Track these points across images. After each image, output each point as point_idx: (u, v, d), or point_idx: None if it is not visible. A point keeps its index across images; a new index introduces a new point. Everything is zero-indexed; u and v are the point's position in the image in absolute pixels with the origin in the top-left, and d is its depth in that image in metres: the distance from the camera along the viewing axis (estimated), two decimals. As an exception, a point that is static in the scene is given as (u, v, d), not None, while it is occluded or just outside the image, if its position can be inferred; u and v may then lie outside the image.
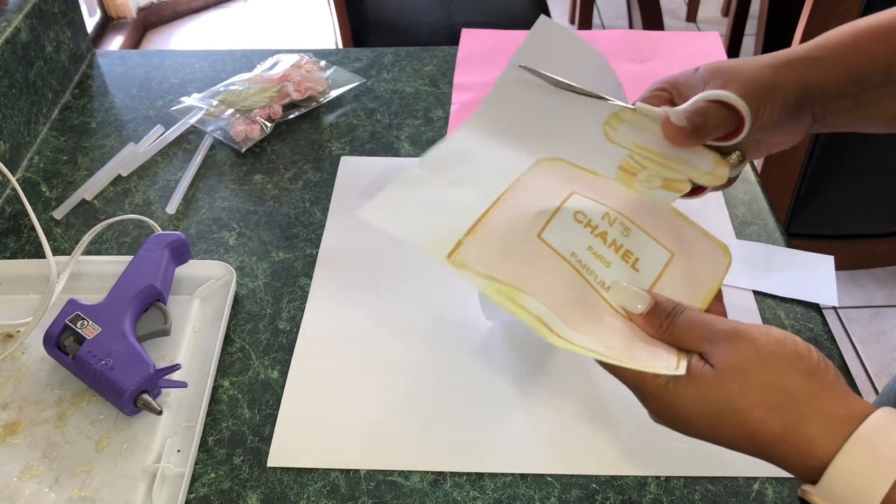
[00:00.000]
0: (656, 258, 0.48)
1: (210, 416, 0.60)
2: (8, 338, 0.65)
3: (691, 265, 0.49)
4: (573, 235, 0.49)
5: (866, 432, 0.37)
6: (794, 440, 0.39)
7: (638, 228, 0.49)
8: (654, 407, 0.43)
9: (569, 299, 0.47)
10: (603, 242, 0.49)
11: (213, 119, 0.86)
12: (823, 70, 0.51)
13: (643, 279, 0.48)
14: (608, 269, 0.48)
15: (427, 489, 0.55)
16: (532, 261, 0.48)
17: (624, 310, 0.47)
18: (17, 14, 0.83)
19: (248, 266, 0.71)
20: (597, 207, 0.50)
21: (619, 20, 2.71)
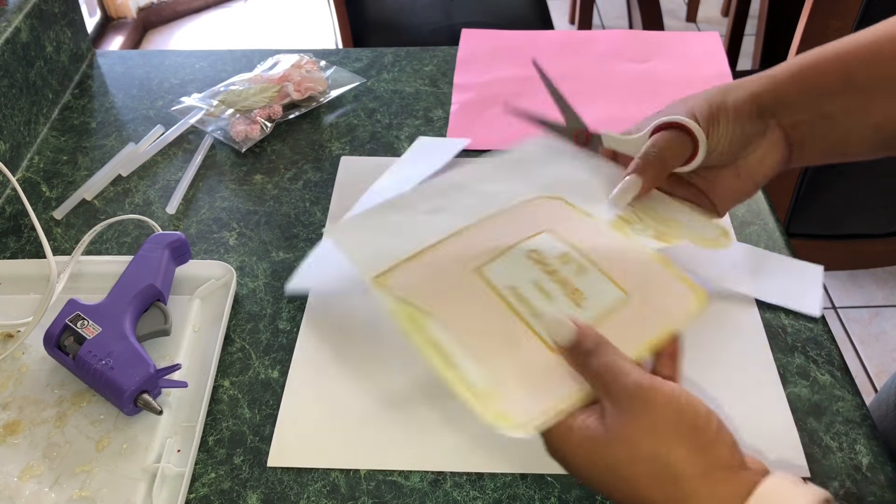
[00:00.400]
0: (606, 297, 0.49)
1: (210, 416, 0.60)
2: (8, 338, 0.65)
3: (647, 308, 0.49)
4: (518, 271, 0.51)
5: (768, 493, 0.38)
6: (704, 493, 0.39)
7: (596, 269, 0.51)
8: (547, 442, 0.45)
9: (484, 329, 0.48)
10: (550, 279, 0.50)
11: (213, 119, 0.86)
12: (774, 80, 0.52)
13: (584, 315, 0.48)
14: (547, 301, 0.49)
15: (427, 489, 0.55)
16: (457, 291, 0.50)
17: (551, 341, 0.47)
18: (17, 14, 0.83)
19: (248, 266, 0.71)
20: (559, 247, 0.52)
21: (619, 20, 2.71)
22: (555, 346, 0.47)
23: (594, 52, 0.98)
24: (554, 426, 0.44)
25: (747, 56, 2.28)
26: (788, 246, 0.72)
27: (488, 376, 0.46)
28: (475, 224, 0.55)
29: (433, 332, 0.47)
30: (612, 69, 0.95)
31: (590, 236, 0.53)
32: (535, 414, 0.44)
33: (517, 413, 0.44)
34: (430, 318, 0.48)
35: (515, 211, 0.57)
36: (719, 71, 0.93)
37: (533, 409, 0.44)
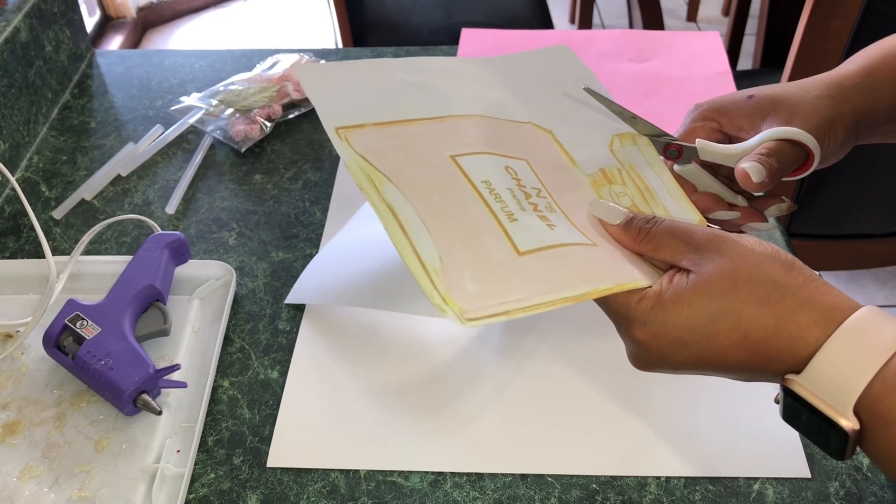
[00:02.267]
0: (575, 237, 0.46)
1: (210, 417, 0.60)
2: (7, 338, 0.65)
3: (616, 256, 0.46)
4: (496, 174, 0.48)
5: (854, 322, 0.37)
6: (787, 331, 0.39)
7: (566, 218, 0.47)
8: (644, 338, 0.42)
9: (447, 208, 0.45)
10: (525, 198, 0.47)
11: (212, 119, 0.86)
12: (877, 99, 0.52)
13: (555, 238, 0.45)
14: (520, 210, 0.46)
15: (427, 489, 0.55)
16: (425, 167, 0.46)
17: (600, 221, 0.46)
18: (17, 14, 0.83)
19: (247, 266, 0.71)
20: (534, 181, 0.49)
21: (619, 20, 2.71)
22: (604, 226, 0.46)
23: (594, 52, 0.97)
24: (635, 300, 0.42)
25: (747, 56, 2.28)
26: (789, 246, 0.72)
27: (444, 254, 0.42)
28: (458, 117, 0.51)
29: (389, 195, 0.44)
30: (612, 69, 0.95)
31: (564, 187, 0.50)
32: (481, 306, 0.41)
33: (463, 300, 0.41)
34: (387, 182, 0.45)
35: (503, 126, 0.52)
36: (719, 71, 0.93)
37: (481, 302, 0.41)
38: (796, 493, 0.54)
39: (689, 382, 0.61)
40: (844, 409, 0.36)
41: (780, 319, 0.39)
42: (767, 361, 0.39)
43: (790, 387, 0.38)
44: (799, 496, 0.54)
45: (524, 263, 0.44)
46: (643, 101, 0.89)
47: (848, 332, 0.37)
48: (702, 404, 0.59)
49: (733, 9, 2.13)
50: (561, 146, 0.53)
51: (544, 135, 0.53)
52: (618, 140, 0.53)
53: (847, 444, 0.37)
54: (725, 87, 0.91)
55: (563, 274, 0.44)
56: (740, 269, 0.40)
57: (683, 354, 0.41)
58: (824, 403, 0.37)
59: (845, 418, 0.36)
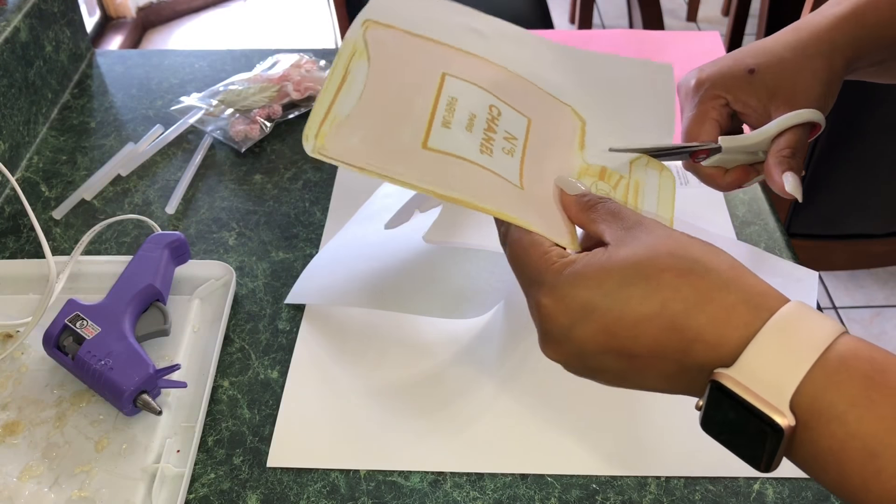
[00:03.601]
0: (506, 170, 0.46)
1: (210, 417, 0.60)
2: (7, 338, 0.65)
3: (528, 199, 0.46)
4: (469, 98, 0.47)
5: (789, 311, 0.34)
6: (711, 308, 0.34)
7: (518, 163, 0.47)
8: (548, 303, 0.37)
9: (393, 93, 0.46)
10: (485, 129, 0.47)
11: (212, 119, 0.86)
12: (866, 48, 0.53)
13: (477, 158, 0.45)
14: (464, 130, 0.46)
15: (427, 489, 0.55)
16: (410, 69, 0.47)
17: (559, 190, 0.45)
18: (17, 14, 0.83)
19: (247, 266, 0.71)
20: (518, 131, 0.48)
21: (619, 20, 2.71)
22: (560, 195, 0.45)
23: (594, 52, 0.97)
24: (548, 263, 0.39)
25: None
26: (789, 246, 0.72)
27: (355, 114, 0.44)
28: (492, 63, 0.50)
29: (355, 65, 0.45)
30: (612, 69, 0.94)
31: (547, 156, 0.49)
32: (341, 153, 0.42)
33: (332, 140, 0.42)
34: (364, 59, 0.45)
35: (532, 89, 0.51)
36: (719, 70, 0.93)
37: (346, 155, 0.42)
38: (796, 492, 0.54)
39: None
40: (780, 404, 0.32)
41: (703, 294, 0.35)
42: (688, 344, 0.35)
43: (720, 380, 0.34)
44: (799, 496, 0.54)
45: (423, 155, 0.43)
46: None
47: (781, 320, 0.33)
48: (702, 404, 0.59)
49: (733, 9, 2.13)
50: (582, 133, 0.51)
51: (573, 119, 0.51)
52: (646, 160, 0.51)
53: (779, 448, 0.33)
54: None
55: (457, 179, 0.43)
56: (662, 243, 0.37)
57: (590, 325, 0.36)
58: (758, 398, 0.33)
59: (781, 414, 0.32)
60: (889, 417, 0.31)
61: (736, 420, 0.34)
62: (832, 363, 0.32)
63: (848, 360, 0.32)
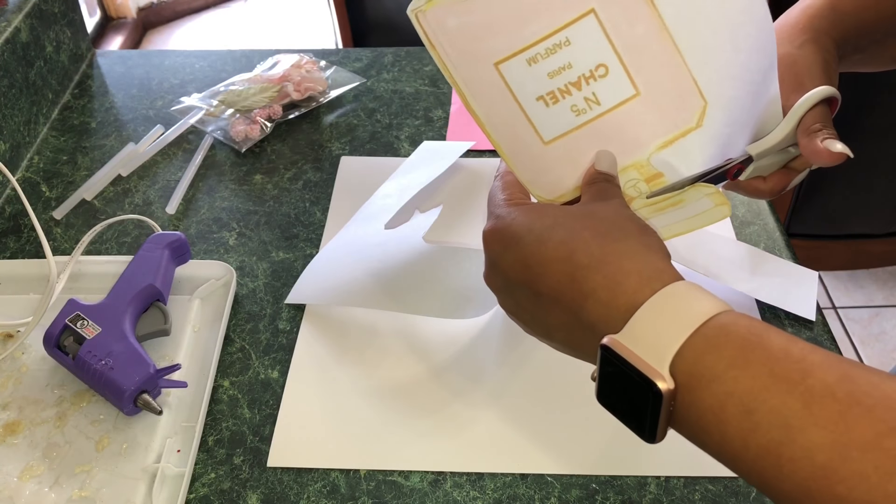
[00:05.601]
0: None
1: (210, 416, 0.60)
2: (8, 338, 0.65)
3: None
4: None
5: (677, 286, 0.36)
6: (609, 269, 0.38)
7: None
8: (490, 228, 0.43)
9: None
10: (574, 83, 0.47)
11: (213, 119, 0.86)
12: (844, 31, 0.54)
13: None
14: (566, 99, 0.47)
15: (427, 489, 0.55)
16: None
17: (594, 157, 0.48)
18: (17, 14, 0.83)
19: (248, 266, 0.71)
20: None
21: (619, 20, 2.70)
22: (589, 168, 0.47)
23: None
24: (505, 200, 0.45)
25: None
26: (788, 246, 0.72)
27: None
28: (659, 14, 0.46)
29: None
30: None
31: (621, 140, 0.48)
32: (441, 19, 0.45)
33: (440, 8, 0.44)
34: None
35: (680, 68, 0.47)
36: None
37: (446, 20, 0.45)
38: (796, 492, 0.54)
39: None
40: (661, 367, 0.34)
41: (607, 255, 0.38)
42: (583, 297, 0.38)
43: (608, 343, 0.36)
44: (798, 496, 0.54)
45: (486, 69, 0.46)
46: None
47: (670, 291, 0.36)
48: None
49: (733, 9, 2.12)
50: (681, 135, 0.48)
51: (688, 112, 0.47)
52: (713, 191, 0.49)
53: (661, 413, 0.35)
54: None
55: (492, 103, 0.47)
56: (600, 208, 0.42)
57: (513, 254, 0.41)
58: (641, 361, 0.35)
59: (661, 378, 0.34)
60: (763, 375, 0.33)
61: (621, 388, 0.36)
62: (712, 330, 0.35)
63: (728, 327, 0.35)
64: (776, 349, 0.33)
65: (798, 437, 0.31)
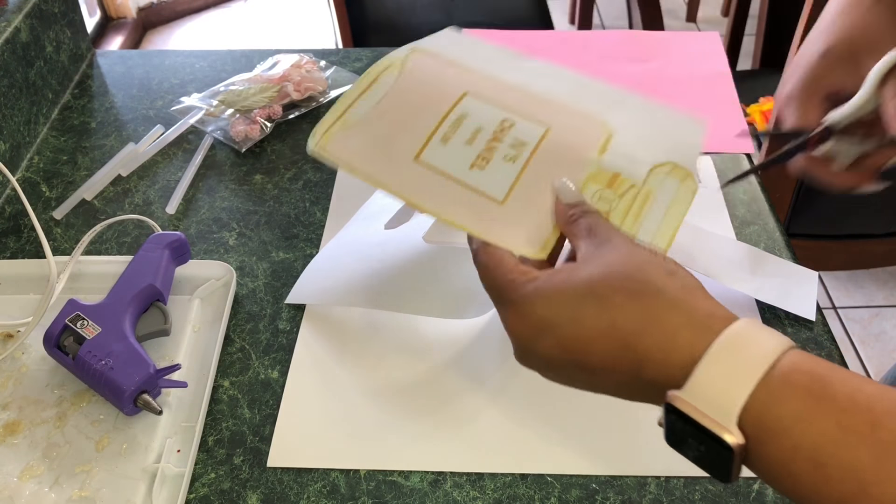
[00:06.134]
0: (494, 186, 0.47)
1: (210, 416, 0.60)
2: (8, 338, 0.65)
3: (507, 216, 0.47)
4: (479, 115, 0.49)
5: (732, 332, 0.35)
6: (658, 329, 0.36)
7: (516, 172, 0.48)
8: (513, 319, 0.40)
9: (406, 105, 0.49)
10: (490, 139, 0.49)
11: (213, 119, 0.86)
12: None
13: (463, 175, 0.48)
14: (464, 144, 0.48)
15: (427, 489, 0.55)
16: (433, 86, 0.50)
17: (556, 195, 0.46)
18: (17, 14, 0.83)
19: (248, 266, 0.71)
20: (531, 138, 0.49)
21: (619, 20, 2.71)
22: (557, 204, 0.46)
23: (594, 52, 0.98)
24: (514, 283, 0.41)
25: (747, 56, 2.28)
26: (788, 246, 0.72)
27: (365, 120, 0.48)
28: (520, 90, 0.51)
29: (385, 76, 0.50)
30: (612, 69, 0.95)
31: (557, 161, 0.48)
32: (337, 152, 0.47)
33: (334, 142, 0.47)
34: (396, 72, 0.49)
35: (567, 108, 0.51)
36: (719, 71, 0.93)
37: (343, 154, 0.47)
38: (796, 492, 0.54)
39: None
40: (729, 424, 0.34)
41: (650, 316, 0.37)
42: (639, 363, 0.37)
43: (672, 403, 0.36)
44: (798, 496, 0.54)
45: (412, 167, 0.47)
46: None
47: (726, 341, 0.35)
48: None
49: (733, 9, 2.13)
50: (607, 140, 0.50)
51: (601, 127, 0.51)
52: (670, 167, 0.49)
53: (734, 463, 0.35)
54: (725, 88, 0.91)
55: (436, 194, 0.46)
56: (618, 264, 0.39)
57: (550, 340, 0.39)
58: (707, 418, 0.34)
59: (730, 433, 0.34)
60: (831, 429, 0.33)
61: (692, 438, 0.36)
62: (775, 380, 0.34)
63: (790, 376, 0.34)
64: (842, 398, 0.33)
65: (872, 490, 0.31)
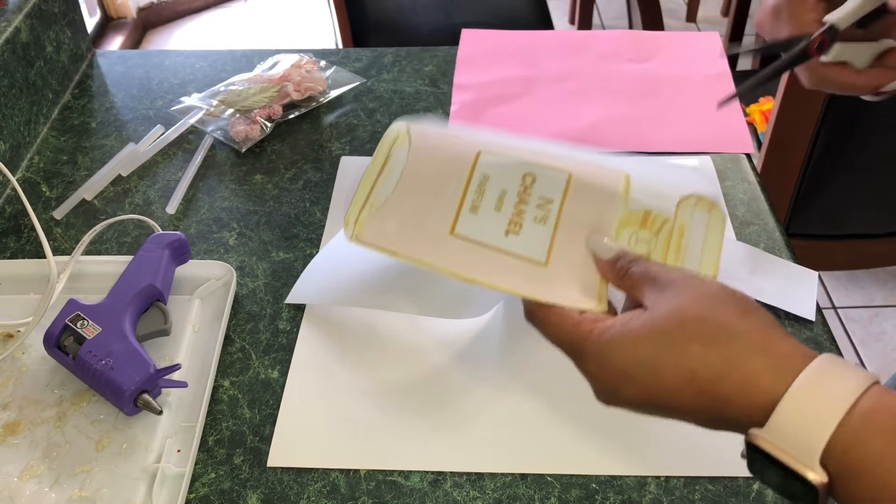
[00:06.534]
0: (532, 248, 0.48)
1: (210, 416, 0.60)
2: (8, 338, 0.65)
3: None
4: (500, 174, 0.50)
5: (812, 371, 0.36)
6: (738, 374, 0.37)
7: (551, 230, 0.49)
8: (594, 370, 0.41)
9: (428, 179, 0.50)
10: (517, 202, 0.49)
11: (213, 119, 0.86)
12: None
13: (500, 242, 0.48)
14: (494, 210, 0.49)
15: (427, 489, 0.55)
16: (446, 153, 0.51)
17: (593, 255, 0.47)
18: (18, 14, 0.83)
19: (248, 266, 0.71)
20: (555, 193, 0.49)
21: (619, 20, 2.71)
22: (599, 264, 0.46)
23: (594, 52, 0.98)
24: (584, 333, 0.42)
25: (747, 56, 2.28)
26: (788, 246, 0.73)
27: (392, 199, 0.49)
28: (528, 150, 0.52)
29: (397, 151, 0.50)
30: (612, 69, 0.95)
31: (585, 211, 0.49)
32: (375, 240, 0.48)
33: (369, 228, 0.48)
34: (406, 146, 0.50)
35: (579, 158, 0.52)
36: (719, 71, 0.93)
37: (381, 240, 0.48)
38: (796, 492, 0.54)
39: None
40: (811, 463, 0.35)
41: (729, 362, 0.38)
42: (721, 406, 0.38)
43: (754, 441, 0.37)
44: (798, 496, 0.54)
45: (450, 241, 0.48)
46: (643, 102, 0.89)
47: (806, 381, 0.36)
48: (701, 404, 0.59)
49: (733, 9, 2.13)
50: (627, 182, 0.50)
51: (618, 172, 0.51)
52: (695, 199, 0.49)
53: (818, 498, 0.35)
54: (725, 88, 0.91)
55: (483, 265, 0.47)
56: (691, 307, 0.40)
57: (633, 389, 0.40)
58: (791, 458, 0.35)
59: (813, 472, 0.35)
60: None
61: (775, 474, 0.37)
62: (856, 420, 0.35)
63: (872, 415, 0.35)
64: None
65: None
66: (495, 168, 0.50)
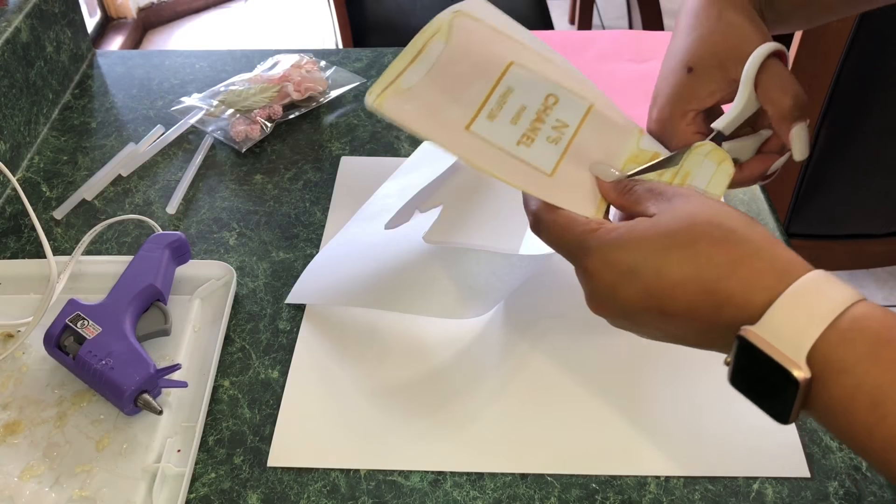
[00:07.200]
0: (541, 160, 0.49)
1: (210, 416, 0.60)
2: (8, 338, 0.65)
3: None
4: (525, 89, 0.51)
5: (811, 278, 0.37)
6: (742, 273, 0.38)
7: (559, 152, 0.50)
8: (596, 266, 0.42)
9: (459, 75, 0.50)
10: (534, 120, 0.50)
11: (213, 119, 0.86)
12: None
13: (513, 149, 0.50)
14: (510, 123, 0.50)
15: (427, 489, 0.55)
16: (481, 55, 0.51)
17: (596, 178, 0.49)
18: (18, 14, 0.83)
19: (248, 266, 0.71)
20: (572, 118, 0.51)
21: (619, 20, 2.71)
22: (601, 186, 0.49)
23: (594, 52, 0.98)
24: (590, 229, 0.43)
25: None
26: (788, 246, 0.72)
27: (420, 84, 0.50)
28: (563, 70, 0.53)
29: (433, 42, 0.51)
30: (612, 69, 0.95)
31: (598, 144, 0.50)
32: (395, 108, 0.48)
33: (392, 96, 0.48)
34: (441, 40, 0.51)
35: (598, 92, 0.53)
36: (719, 71, 0.93)
37: (400, 108, 0.48)
38: (796, 492, 0.54)
39: (688, 381, 0.61)
40: (798, 358, 0.36)
41: (735, 261, 0.39)
42: (719, 306, 0.39)
43: (745, 336, 0.37)
44: (798, 496, 0.54)
45: (464, 134, 0.49)
46: (643, 102, 0.89)
47: (805, 285, 0.37)
48: (701, 404, 0.59)
49: (733, 9, 2.13)
50: (641, 132, 0.53)
51: (634, 123, 0.53)
52: (709, 148, 0.50)
53: (797, 399, 0.36)
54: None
55: (491, 159, 0.48)
56: (700, 213, 0.41)
57: (633, 287, 0.40)
58: (778, 352, 0.36)
59: (798, 367, 0.36)
60: (892, 371, 0.34)
61: (758, 374, 0.38)
62: (845, 323, 0.36)
63: (860, 321, 0.36)
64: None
65: None
66: (522, 83, 0.51)
